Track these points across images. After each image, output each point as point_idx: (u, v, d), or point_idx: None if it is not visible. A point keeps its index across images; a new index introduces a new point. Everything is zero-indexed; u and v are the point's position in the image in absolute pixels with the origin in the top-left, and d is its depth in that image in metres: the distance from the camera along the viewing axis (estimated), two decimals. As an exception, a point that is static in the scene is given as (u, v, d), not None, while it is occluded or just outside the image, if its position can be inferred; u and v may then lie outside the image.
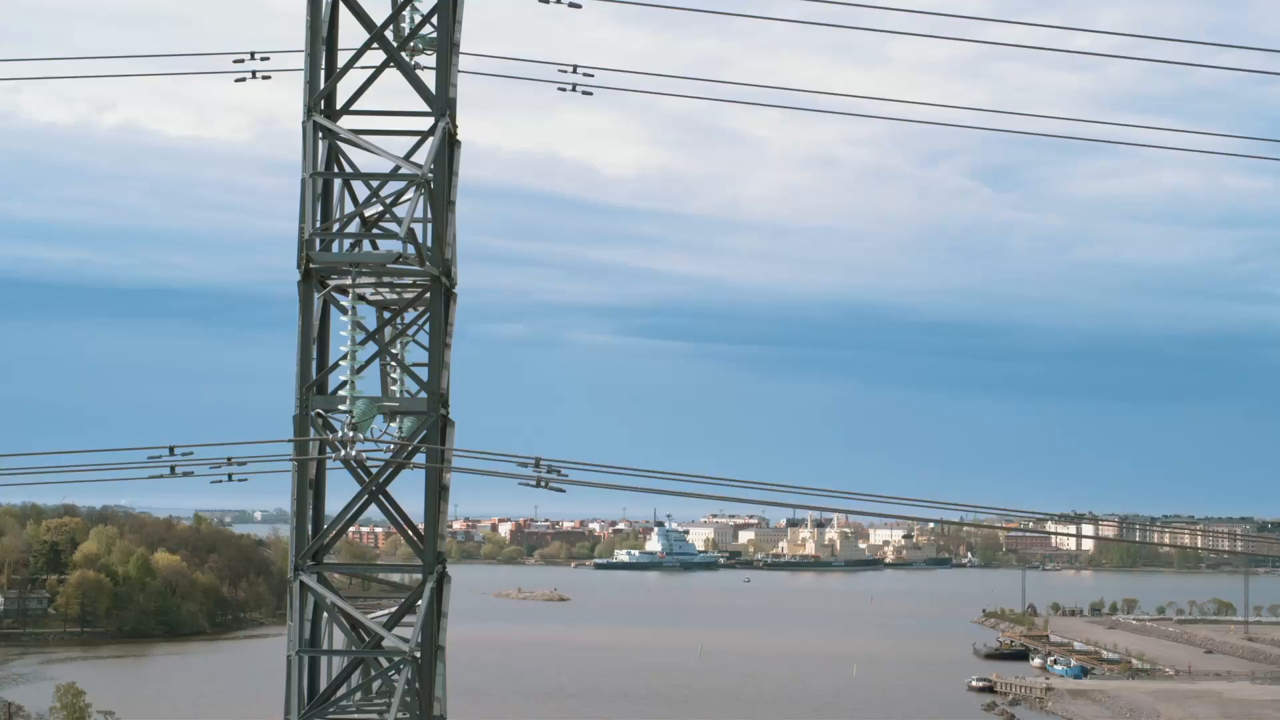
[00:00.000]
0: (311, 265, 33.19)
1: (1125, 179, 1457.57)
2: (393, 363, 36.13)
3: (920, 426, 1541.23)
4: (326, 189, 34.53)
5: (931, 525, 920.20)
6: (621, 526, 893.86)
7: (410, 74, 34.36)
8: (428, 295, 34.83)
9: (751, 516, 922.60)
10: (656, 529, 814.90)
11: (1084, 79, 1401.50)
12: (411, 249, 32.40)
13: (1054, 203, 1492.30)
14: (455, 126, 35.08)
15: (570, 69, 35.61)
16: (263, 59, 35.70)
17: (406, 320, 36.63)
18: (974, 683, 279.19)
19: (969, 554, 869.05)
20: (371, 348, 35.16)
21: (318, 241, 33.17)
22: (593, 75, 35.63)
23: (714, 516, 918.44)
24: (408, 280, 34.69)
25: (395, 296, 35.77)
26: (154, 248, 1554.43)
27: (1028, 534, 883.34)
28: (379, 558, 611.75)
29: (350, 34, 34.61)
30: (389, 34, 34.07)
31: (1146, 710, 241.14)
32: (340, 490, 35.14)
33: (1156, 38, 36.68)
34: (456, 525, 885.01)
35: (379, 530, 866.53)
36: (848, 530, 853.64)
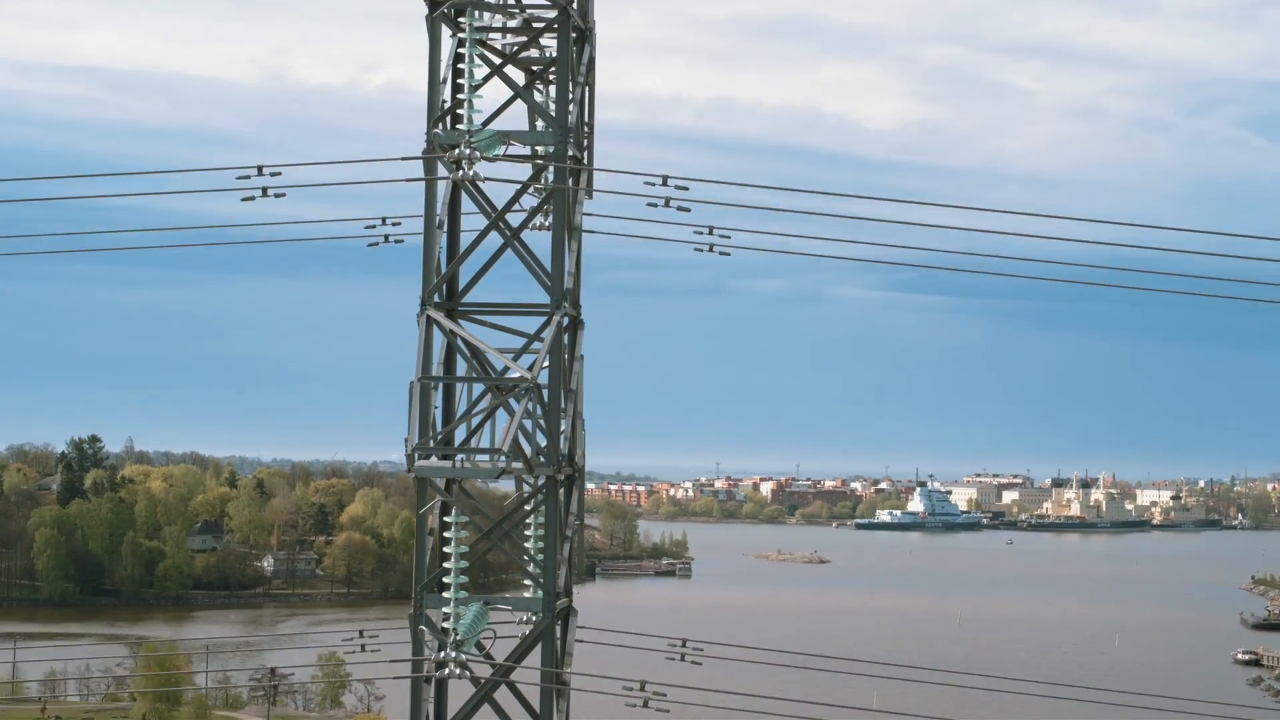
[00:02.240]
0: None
1: None
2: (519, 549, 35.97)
3: (1190, 383, 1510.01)
4: (448, 358, 34.84)
5: (1201, 484, 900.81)
6: (884, 486, 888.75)
7: (527, 262, 34.15)
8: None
9: (1016, 476, 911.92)
10: (919, 489, 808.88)
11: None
12: (519, 461, 32.13)
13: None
14: (578, 309, 34.88)
15: (706, 230, 35.01)
16: (394, 224, 35.87)
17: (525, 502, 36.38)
18: (1239, 655, 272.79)
19: (1239, 515, 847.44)
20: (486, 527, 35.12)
21: (420, 454, 33.00)
22: (729, 237, 34.97)
23: (977, 476, 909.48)
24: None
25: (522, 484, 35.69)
26: (420, 205, 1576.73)
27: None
28: (641, 516, 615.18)
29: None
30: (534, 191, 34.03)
31: None
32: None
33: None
34: (719, 484, 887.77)
35: (640, 489, 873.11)
36: (1114, 491, 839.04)
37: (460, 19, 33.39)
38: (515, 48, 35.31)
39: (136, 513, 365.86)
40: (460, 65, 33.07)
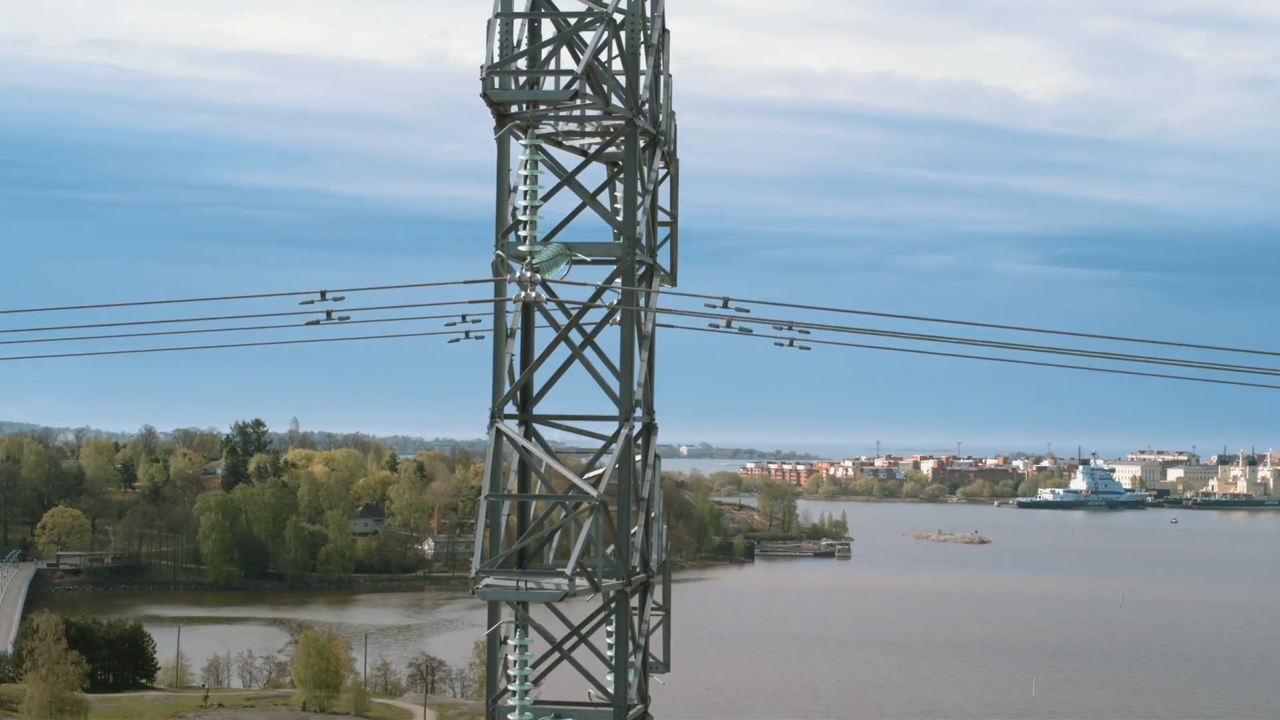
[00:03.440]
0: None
1: None
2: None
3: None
4: (523, 466, 34.98)
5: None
6: (1046, 464, 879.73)
7: (596, 375, 33.99)
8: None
9: (1180, 453, 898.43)
10: (1081, 467, 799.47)
11: None
12: (584, 581, 31.94)
13: None
14: (651, 414, 34.81)
15: (786, 326, 34.47)
16: (474, 321, 35.72)
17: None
18: None
19: None
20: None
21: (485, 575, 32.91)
22: (808, 332, 34.37)
23: (1142, 453, 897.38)
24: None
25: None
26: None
27: None
28: (800, 496, 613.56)
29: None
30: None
31: None
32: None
33: None
34: (879, 462, 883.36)
35: (800, 468, 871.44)
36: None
37: (522, 133, 33.28)
38: (593, 147, 35.05)
39: (299, 497, 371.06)
40: (529, 179, 32.79)
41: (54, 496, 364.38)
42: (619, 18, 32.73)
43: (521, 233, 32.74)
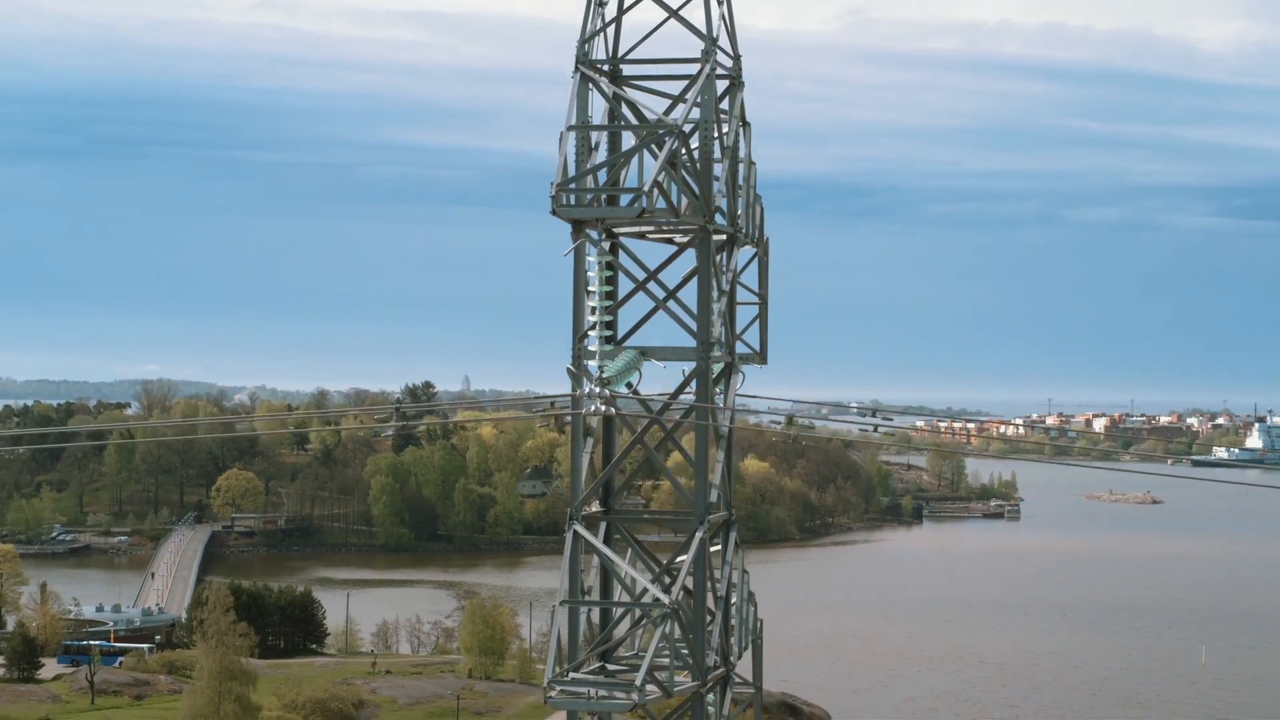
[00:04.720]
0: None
1: None
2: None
3: None
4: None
5: None
6: (1221, 421, 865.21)
7: (673, 480, 34.47)
8: None
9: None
10: (1257, 425, 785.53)
11: None
12: (655, 689, 32.33)
13: None
14: (730, 510, 36.07)
15: (871, 413, 34.70)
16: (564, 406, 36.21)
17: None
18: None
19: None
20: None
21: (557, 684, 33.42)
22: (891, 419, 34.57)
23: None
24: None
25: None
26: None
27: None
28: (970, 455, 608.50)
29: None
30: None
31: None
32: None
33: None
34: (1050, 420, 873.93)
35: (970, 426, 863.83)
36: None
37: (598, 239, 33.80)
38: (679, 237, 35.29)
39: (468, 459, 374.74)
40: (606, 282, 33.15)
41: (228, 459, 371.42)
42: (696, 116, 32.83)
43: (593, 346, 33.19)
